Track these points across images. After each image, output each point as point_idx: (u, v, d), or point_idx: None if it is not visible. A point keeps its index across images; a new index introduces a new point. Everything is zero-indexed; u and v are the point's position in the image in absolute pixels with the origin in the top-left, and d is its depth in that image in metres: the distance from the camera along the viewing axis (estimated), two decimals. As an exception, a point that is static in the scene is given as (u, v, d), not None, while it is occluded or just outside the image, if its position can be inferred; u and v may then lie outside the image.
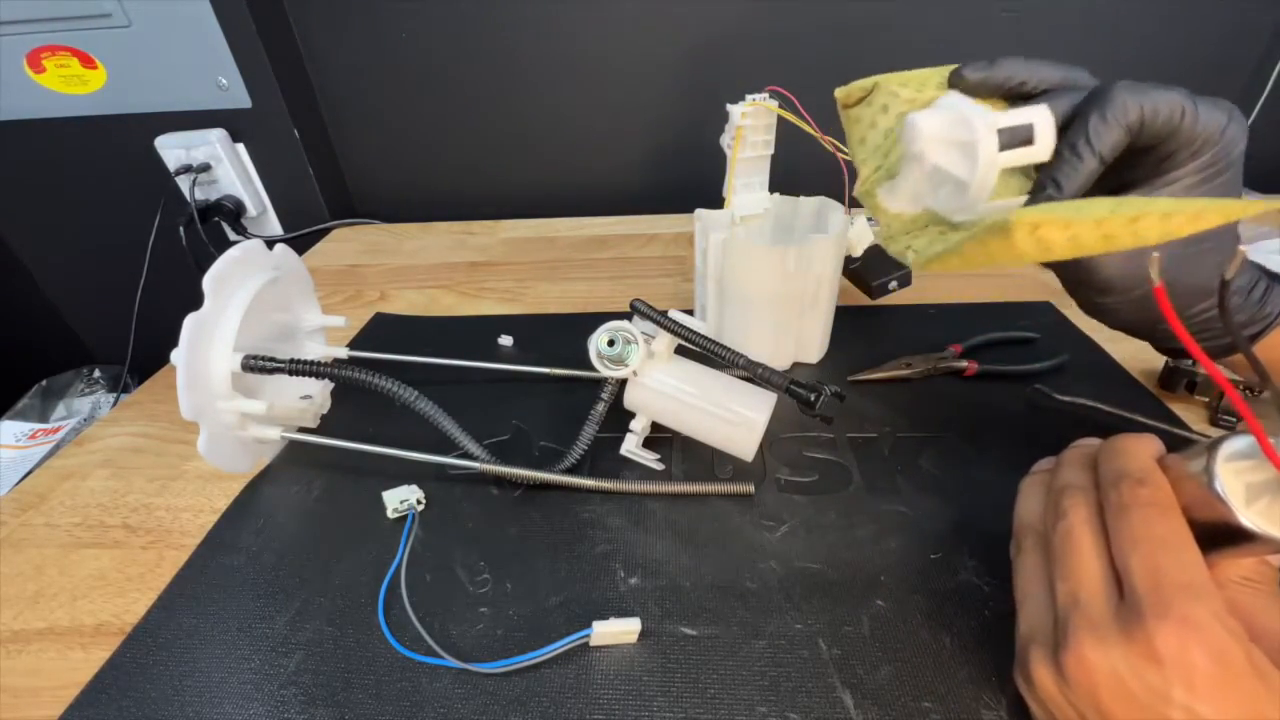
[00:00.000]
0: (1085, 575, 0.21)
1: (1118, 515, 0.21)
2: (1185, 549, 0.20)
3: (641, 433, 0.37)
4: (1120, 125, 0.24)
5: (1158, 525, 0.20)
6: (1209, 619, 0.18)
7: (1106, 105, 0.24)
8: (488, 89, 0.76)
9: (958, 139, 0.25)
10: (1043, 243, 0.21)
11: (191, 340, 0.33)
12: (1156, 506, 0.21)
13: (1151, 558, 0.20)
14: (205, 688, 0.28)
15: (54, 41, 0.67)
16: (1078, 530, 0.22)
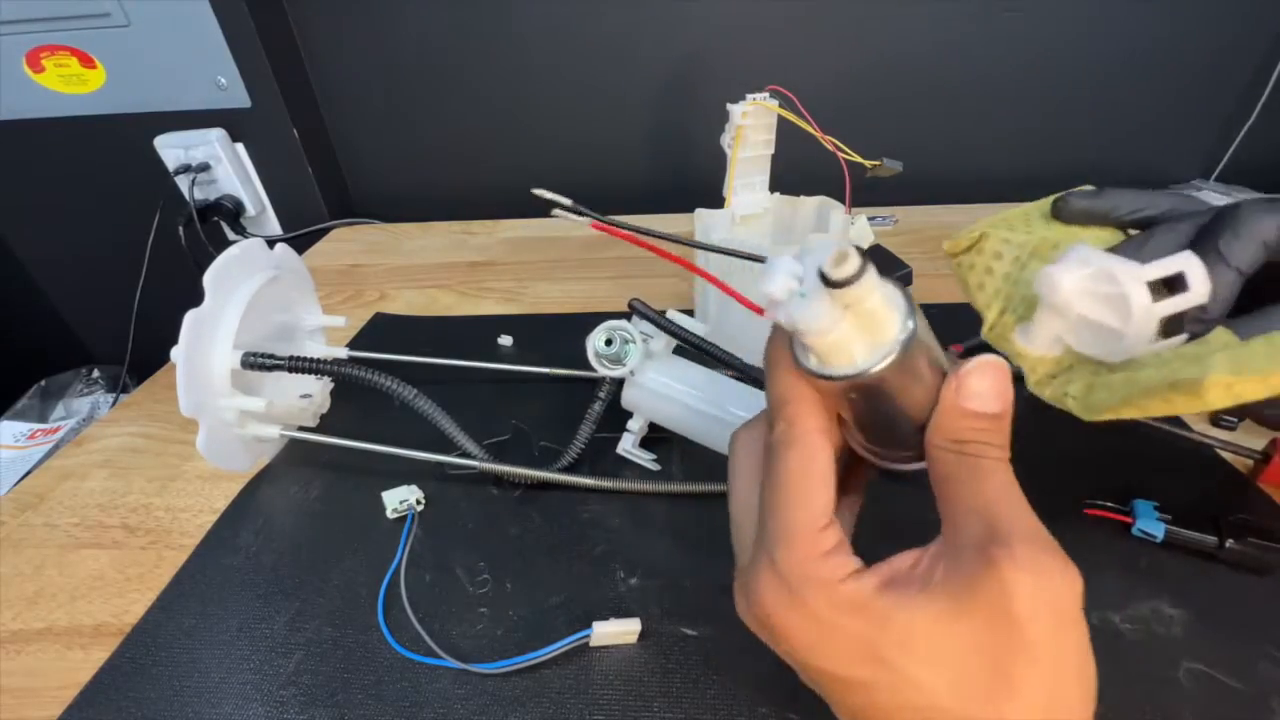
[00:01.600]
0: (738, 520, 0.21)
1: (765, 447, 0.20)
2: (786, 489, 0.18)
3: (639, 432, 0.37)
4: (1255, 240, 0.23)
5: (774, 470, 0.19)
6: (786, 577, 0.17)
7: (1238, 223, 0.23)
8: (488, 89, 0.76)
9: (1104, 292, 0.23)
10: (1240, 398, 0.20)
11: (191, 337, 0.32)
12: (777, 441, 0.19)
13: (764, 507, 0.19)
14: (204, 688, 0.28)
15: (53, 41, 0.67)
16: (740, 460, 0.22)
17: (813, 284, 0.16)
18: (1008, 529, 0.16)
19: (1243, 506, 0.33)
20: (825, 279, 0.16)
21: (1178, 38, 0.69)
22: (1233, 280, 0.23)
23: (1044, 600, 0.15)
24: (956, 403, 0.17)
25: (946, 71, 0.72)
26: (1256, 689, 0.26)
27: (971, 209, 0.73)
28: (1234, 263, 0.23)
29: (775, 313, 0.17)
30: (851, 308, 0.16)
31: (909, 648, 0.16)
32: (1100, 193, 0.26)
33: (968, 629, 0.15)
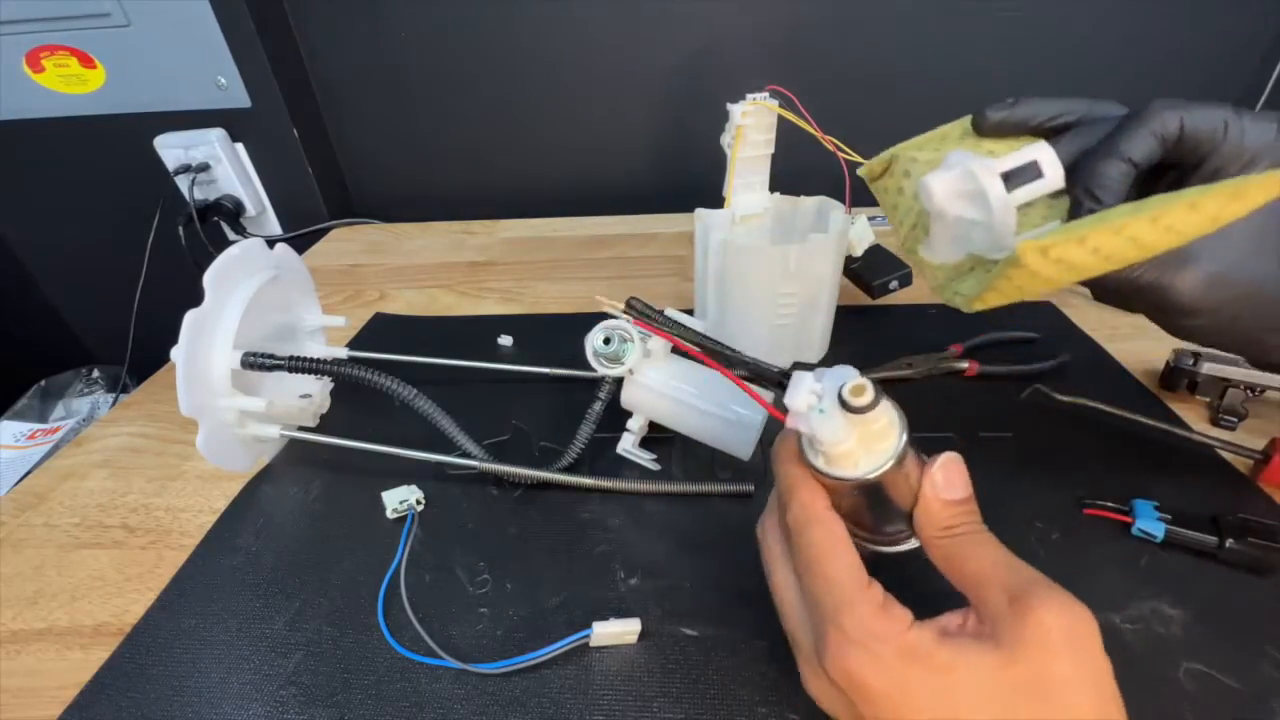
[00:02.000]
0: (786, 608, 0.22)
1: (787, 540, 0.23)
2: (825, 563, 0.20)
3: (639, 432, 0.37)
4: (1154, 135, 0.24)
5: (803, 549, 0.21)
6: (854, 634, 0.19)
7: (1139, 117, 0.24)
8: (487, 89, 0.76)
9: (968, 190, 0.26)
10: (1063, 263, 0.21)
11: (191, 337, 0.32)
12: (798, 526, 0.21)
13: (806, 583, 0.21)
14: (204, 688, 0.28)
15: (53, 41, 0.67)
16: (770, 563, 0.24)
17: (830, 403, 0.19)
18: (1023, 582, 0.18)
19: (1243, 506, 0.33)
20: (844, 404, 0.19)
21: (1178, 38, 0.69)
22: (1125, 171, 0.24)
23: (1076, 631, 0.18)
24: (937, 495, 0.21)
25: (947, 71, 0.72)
26: (1256, 689, 0.26)
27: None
28: (1126, 154, 0.24)
29: (796, 422, 0.20)
30: (860, 427, 0.19)
31: (972, 692, 0.18)
32: (1017, 102, 0.27)
33: (1022, 672, 0.17)
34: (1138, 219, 0.20)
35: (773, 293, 0.42)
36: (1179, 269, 0.24)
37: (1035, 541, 0.32)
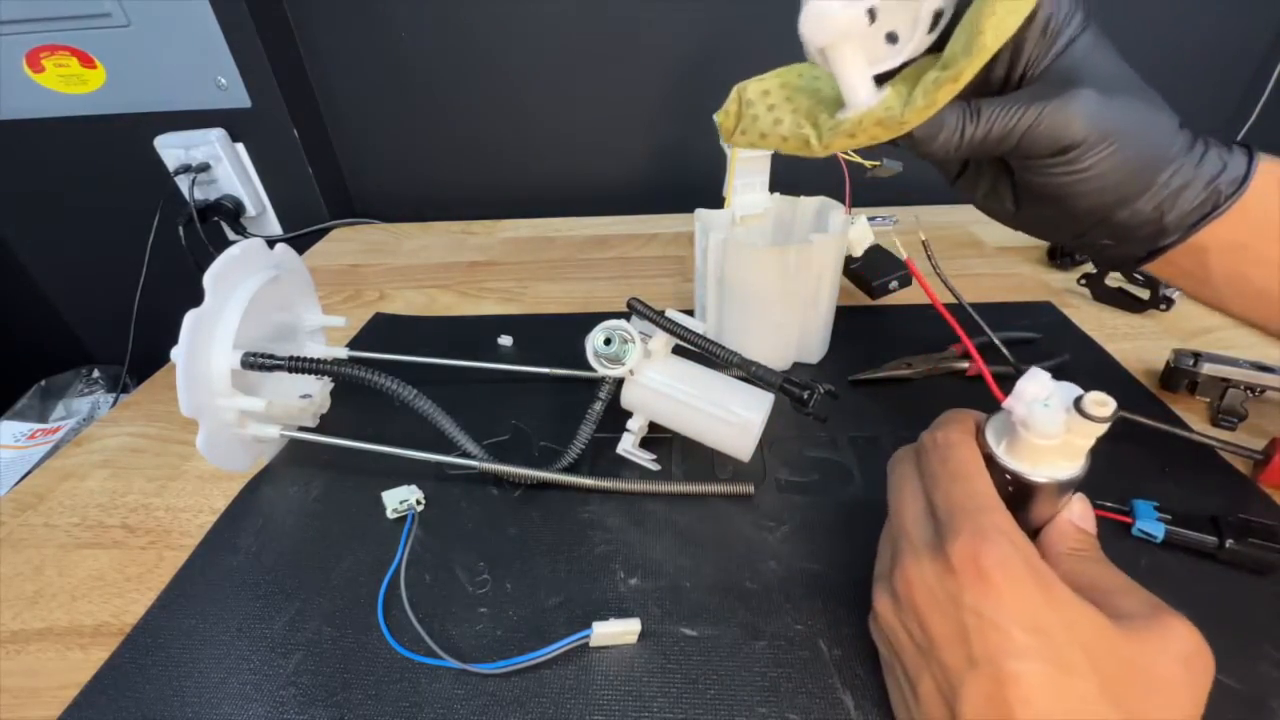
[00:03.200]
0: (908, 509, 0.24)
1: (923, 459, 0.24)
2: (971, 479, 0.22)
3: (639, 432, 0.37)
4: None
5: (951, 462, 0.23)
6: (993, 532, 0.20)
7: None
8: (487, 89, 0.76)
9: None
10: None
11: (191, 337, 0.32)
12: (946, 447, 0.23)
13: (944, 488, 0.22)
14: (204, 688, 0.28)
15: (53, 41, 0.67)
16: (898, 481, 0.25)
17: (1059, 402, 0.21)
18: (1158, 602, 0.20)
19: (1243, 507, 0.33)
20: (1082, 410, 0.20)
21: (1177, 38, 0.69)
22: None
23: (1200, 656, 0.19)
24: (1072, 520, 0.23)
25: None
26: (1256, 689, 0.26)
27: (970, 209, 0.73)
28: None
29: (1017, 405, 0.22)
30: (1074, 436, 0.21)
31: (1074, 636, 0.18)
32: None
33: (1135, 653, 0.19)
34: None
35: (773, 293, 0.42)
36: (1070, 97, 0.24)
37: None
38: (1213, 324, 0.50)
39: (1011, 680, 0.18)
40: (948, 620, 0.20)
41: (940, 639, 0.20)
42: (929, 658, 0.21)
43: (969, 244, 0.66)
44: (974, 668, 0.19)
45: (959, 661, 0.19)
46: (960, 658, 0.19)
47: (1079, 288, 0.55)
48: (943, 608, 0.20)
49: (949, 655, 0.20)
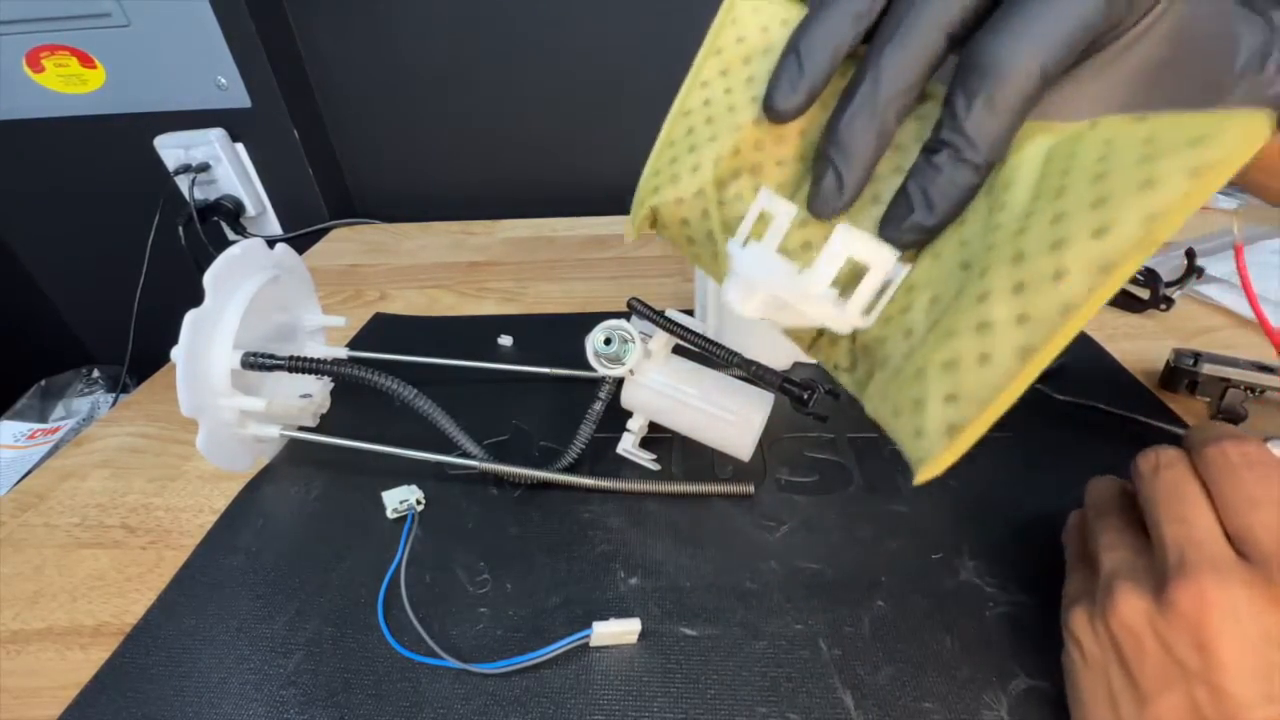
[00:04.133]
0: (1201, 521, 0.21)
1: (1226, 475, 0.21)
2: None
3: (639, 432, 0.37)
4: (1016, 109, 0.17)
5: (1273, 486, 0.20)
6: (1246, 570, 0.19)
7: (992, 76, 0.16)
8: (487, 89, 0.76)
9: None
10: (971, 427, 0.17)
11: (191, 337, 0.32)
12: (1266, 466, 0.21)
13: (1274, 518, 0.20)
14: (204, 688, 0.28)
15: (53, 41, 0.67)
16: (1185, 482, 0.22)
17: None
18: None
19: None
20: None
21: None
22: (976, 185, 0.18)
23: None
24: None
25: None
26: None
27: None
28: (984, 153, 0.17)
29: None
30: None
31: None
32: (800, 60, 0.20)
33: None
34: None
35: (773, 293, 0.42)
36: None
37: (1037, 541, 0.32)
38: (1213, 324, 0.50)
39: None
40: (1249, 651, 0.19)
41: (1229, 666, 0.19)
42: (1195, 679, 0.20)
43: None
44: (1272, 704, 0.18)
45: (1252, 695, 0.19)
46: (1256, 693, 0.19)
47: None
48: (1249, 642, 0.19)
49: (1238, 686, 0.19)
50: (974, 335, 0.15)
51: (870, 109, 0.18)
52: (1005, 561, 0.31)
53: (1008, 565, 0.31)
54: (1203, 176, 0.13)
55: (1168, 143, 0.14)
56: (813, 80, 0.19)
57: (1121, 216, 0.14)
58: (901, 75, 0.18)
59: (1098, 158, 0.15)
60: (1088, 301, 0.14)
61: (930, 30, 0.17)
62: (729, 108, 0.22)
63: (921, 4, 0.17)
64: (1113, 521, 0.25)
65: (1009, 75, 0.16)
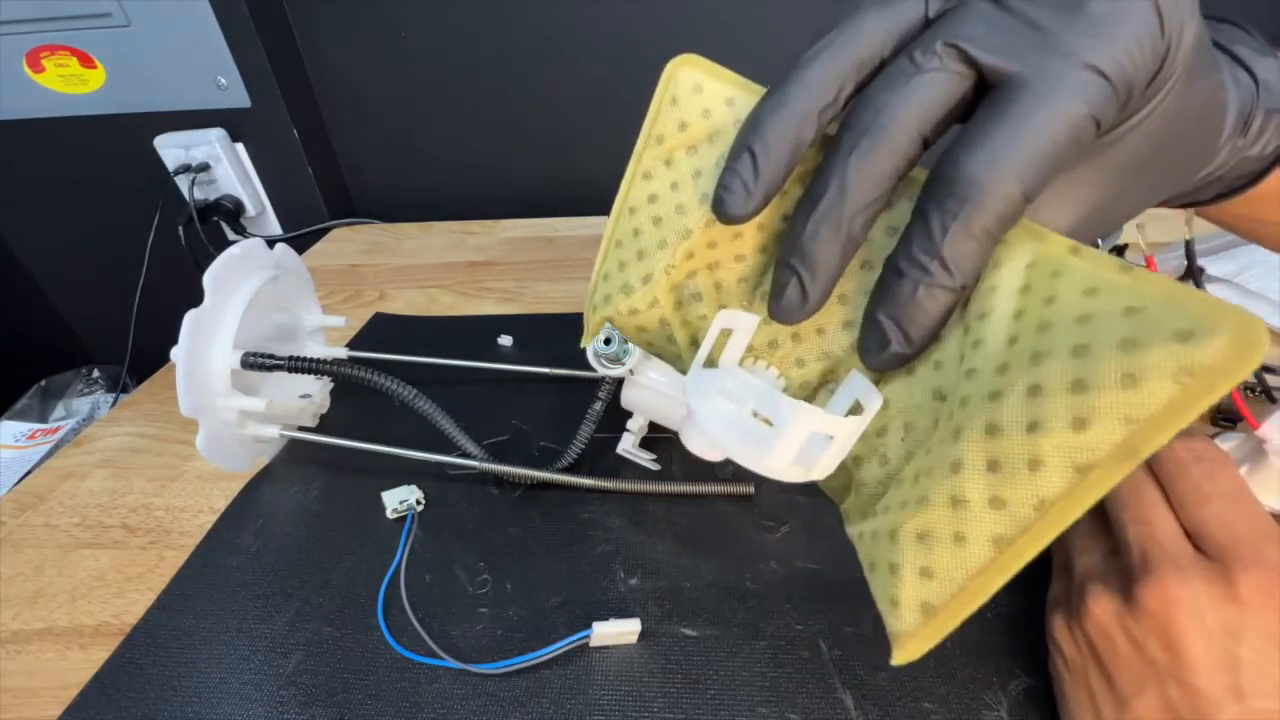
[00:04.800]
0: (1160, 520, 0.22)
1: (1177, 472, 0.22)
2: (1252, 501, 0.21)
3: (639, 432, 0.37)
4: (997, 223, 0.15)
5: (1221, 480, 0.21)
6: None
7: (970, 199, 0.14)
8: (487, 89, 0.76)
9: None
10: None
11: (191, 337, 0.32)
12: (1212, 461, 0.22)
13: (1224, 511, 0.21)
14: (204, 688, 0.28)
15: (53, 41, 0.67)
16: (1143, 484, 0.23)
17: None
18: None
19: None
20: None
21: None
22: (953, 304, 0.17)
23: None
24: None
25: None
26: None
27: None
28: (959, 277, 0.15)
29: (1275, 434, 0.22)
30: None
31: None
32: (756, 165, 0.17)
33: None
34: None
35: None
36: None
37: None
38: (1213, 324, 0.50)
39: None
40: (1213, 647, 0.19)
41: (1197, 662, 0.19)
42: (1167, 677, 0.20)
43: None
44: (1241, 700, 0.19)
45: (1220, 691, 0.19)
46: (1222, 687, 0.19)
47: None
48: (1210, 634, 0.19)
49: (1206, 681, 0.19)
50: (948, 509, 0.14)
51: (836, 221, 0.16)
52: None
53: (1008, 565, 0.31)
54: (1190, 385, 0.12)
55: (1153, 325, 0.12)
56: (769, 184, 0.17)
57: (1101, 412, 0.12)
58: (870, 186, 0.16)
59: (1078, 316, 0.13)
60: (1065, 500, 0.13)
61: (903, 134, 0.15)
62: (676, 207, 0.20)
63: (894, 103, 0.15)
64: (1084, 527, 0.26)
65: (988, 198, 0.14)
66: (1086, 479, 0.13)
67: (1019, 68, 0.14)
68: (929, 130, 0.16)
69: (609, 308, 0.22)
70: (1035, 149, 0.14)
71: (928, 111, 0.15)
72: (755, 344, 0.20)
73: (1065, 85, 0.14)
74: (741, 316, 0.20)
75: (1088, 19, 0.14)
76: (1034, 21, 0.14)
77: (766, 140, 0.17)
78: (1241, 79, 0.20)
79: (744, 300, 0.21)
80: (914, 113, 0.15)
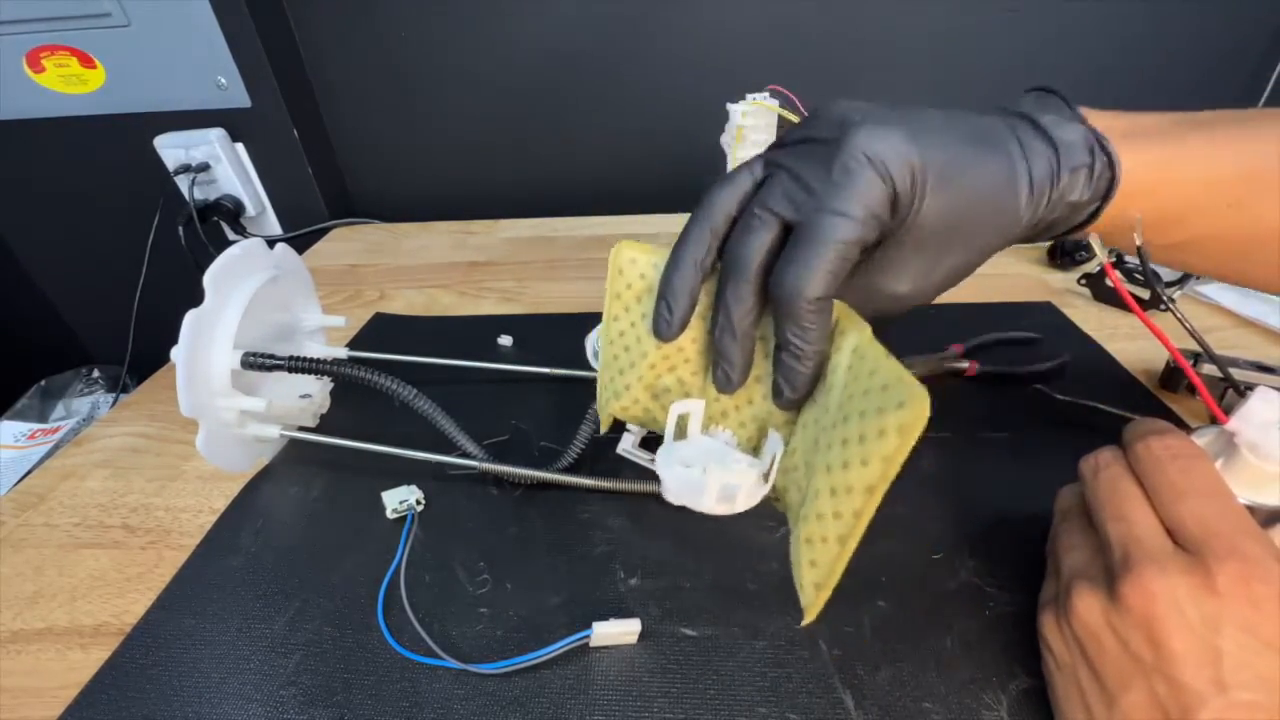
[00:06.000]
0: (1139, 517, 0.22)
1: (1154, 469, 0.23)
2: (1224, 497, 0.21)
3: (639, 432, 0.37)
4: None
5: (1196, 476, 0.22)
6: (1267, 559, 0.20)
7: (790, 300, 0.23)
8: (488, 89, 0.76)
9: None
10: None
11: (191, 337, 0.32)
12: (1188, 457, 0.22)
13: (1199, 506, 0.21)
14: (204, 688, 0.28)
15: (53, 41, 0.67)
16: (1122, 480, 0.24)
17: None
18: None
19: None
20: None
21: (1176, 39, 0.70)
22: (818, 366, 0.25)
23: None
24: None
25: (945, 71, 0.72)
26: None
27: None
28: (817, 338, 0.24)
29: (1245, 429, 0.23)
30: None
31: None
32: (671, 302, 0.26)
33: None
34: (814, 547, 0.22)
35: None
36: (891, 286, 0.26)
37: (1036, 541, 0.32)
38: (1213, 324, 0.50)
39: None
40: (1195, 640, 0.20)
41: (1180, 657, 0.20)
42: (1152, 672, 0.20)
43: (969, 244, 0.66)
44: (1224, 693, 0.19)
45: (1203, 684, 0.19)
46: (1205, 680, 0.19)
47: (1079, 288, 0.55)
48: (1192, 628, 0.20)
49: (1190, 675, 0.19)
50: (817, 521, 0.22)
51: (730, 330, 0.25)
52: (1005, 561, 0.31)
53: (1008, 565, 0.31)
54: (905, 435, 0.19)
55: (889, 397, 0.20)
56: (680, 316, 0.26)
57: (871, 455, 0.20)
58: (741, 302, 0.25)
59: (863, 390, 0.21)
60: (866, 510, 0.20)
61: (748, 269, 0.24)
62: (637, 339, 0.29)
63: (741, 249, 0.24)
64: (1074, 524, 0.26)
65: (800, 296, 0.22)
66: (872, 497, 0.20)
67: (802, 218, 0.23)
68: (767, 260, 0.24)
69: (613, 407, 0.32)
70: (818, 264, 0.22)
71: (762, 251, 0.24)
72: (713, 414, 0.30)
73: (825, 226, 0.22)
74: (690, 403, 0.29)
75: (833, 184, 0.22)
76: (809, 187, 0.23)
77: (672, 289, 0.26)
78: (1037, 148, 0.25)
79: (700, 383, 0.30)
80: (754, 252, 0.24)
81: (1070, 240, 0.59)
